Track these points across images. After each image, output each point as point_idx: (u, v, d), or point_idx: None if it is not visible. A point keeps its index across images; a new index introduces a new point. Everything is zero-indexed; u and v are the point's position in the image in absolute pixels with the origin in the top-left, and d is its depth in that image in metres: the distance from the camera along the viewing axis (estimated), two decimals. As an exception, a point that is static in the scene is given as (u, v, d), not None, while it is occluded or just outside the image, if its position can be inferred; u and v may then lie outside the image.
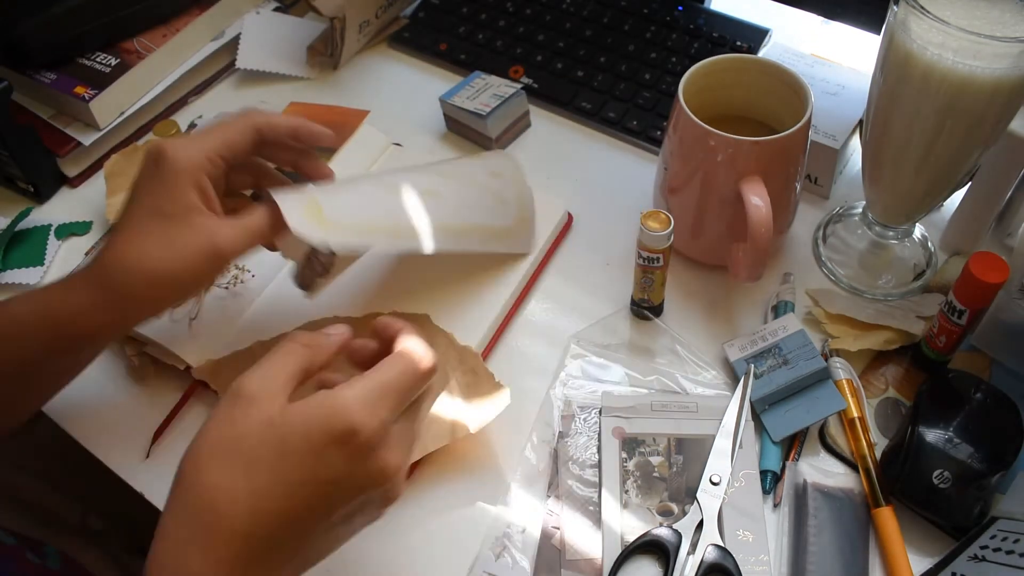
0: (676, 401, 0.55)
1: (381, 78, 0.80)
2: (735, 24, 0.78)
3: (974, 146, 0.51)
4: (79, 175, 0.72)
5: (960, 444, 0.49)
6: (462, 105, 0.70)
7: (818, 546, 0.49)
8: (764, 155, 0.54)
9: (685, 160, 0.57)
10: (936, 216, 0.64)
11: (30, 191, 0.71)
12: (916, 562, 0.48)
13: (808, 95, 0.55)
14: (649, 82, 0.74)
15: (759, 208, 0.53)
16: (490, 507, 0.52)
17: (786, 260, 0.63)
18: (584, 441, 0.54)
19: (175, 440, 0.55)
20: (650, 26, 0.78)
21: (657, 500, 0.51)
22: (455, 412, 0.52)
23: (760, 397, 0.54)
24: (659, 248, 0.54)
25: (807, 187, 0.67)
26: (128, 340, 0.59)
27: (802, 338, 0.55)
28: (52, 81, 0.70)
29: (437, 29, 0.82)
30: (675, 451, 0.52)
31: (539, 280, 0.63)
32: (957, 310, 0.51)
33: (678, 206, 0.60)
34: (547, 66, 0.77)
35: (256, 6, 0.82)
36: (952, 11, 0.46)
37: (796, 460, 0.53)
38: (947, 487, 0.48)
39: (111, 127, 0.71)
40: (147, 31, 0.74)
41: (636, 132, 0.72)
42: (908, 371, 0.56)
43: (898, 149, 0.53)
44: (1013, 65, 0.46)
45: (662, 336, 0.59)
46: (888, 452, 0.52)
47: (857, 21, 0.70)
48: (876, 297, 0.60)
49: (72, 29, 0.71)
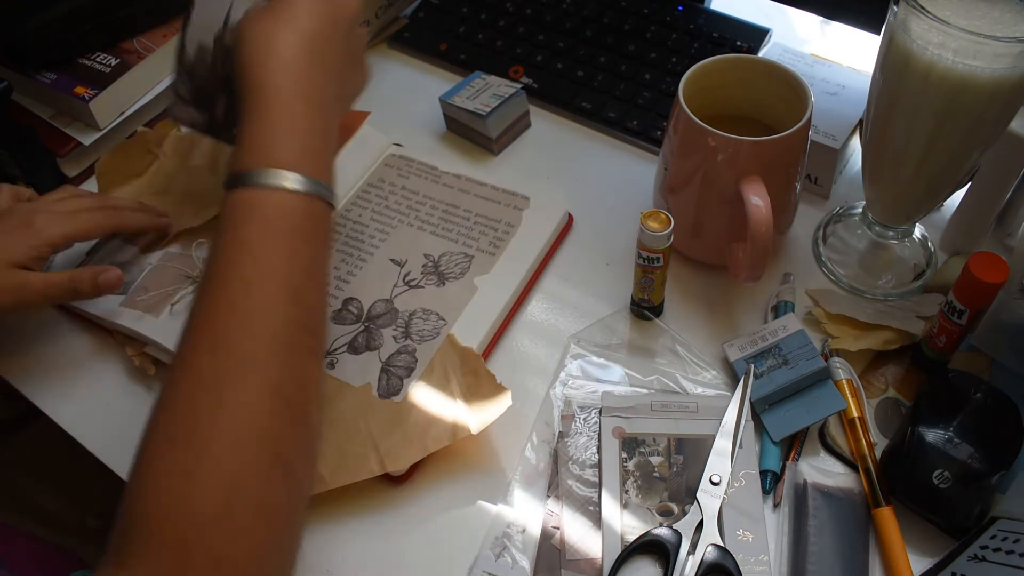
0: (676, 401, 0.55)
1: (381, 78, 0.79)
2: (735, 24, 0.78)
3: (974, 146, 0.51)
4: (79, 175, 0.72)
5: (960, 444, 0.49)
6: (462, 105, 0.70)
7: (818, 546, 0.49)
8: (764, 155, 0.54)
9: (685, 160, 0.57)
10: (936, 216, 0.64)
11: (30, 191, 0.71)
12: (916, 562, 0.48)
13: (808, 95, 0.55)
14: (649, 82, 0.74)
15: (759, 208, 0.52)
16: (490, 507, 0.52)
17: (786, 260, 0.63)
18: (584, 441, 0.54)
19: (175, 440, 0.55)
20: (650, 26, 0.78)
21: (657, 500, 0.51)
22: (456, 413, 0.52)
23: (760, 397, 0.54)
24: (659, 248, 0.54)
25: (807, 187, 0.67)
26: (128, 340, 0.59)
27: (802, 338, 0.55)
28: (52, 81, 0.70)
29: (437, 29, 0.82)
30: (675, 451, 0.52)
31: (539, 280, 0.63)
32: (957, 310, 0.51)
33: (678, 206, 0.60)
34: (547, 66, 0.77)
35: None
36: (952, 11, 0.46)
37: (796, 460, 0.52)
38: (947, 487, 0.48)
39: (111, 127, 0.71)
40: (147, 31, 0.74)
41: (636, 132, 0.72)
42: (908, 371, 0.56)
43: (898, 149, 0.53)
44: (1013, 65, 0.45)
45: (662, 336, 0.59)
46: (888, 452, 0.52)
47: (857, 21, 0.70)
48: (876, 297, 0.60)
49: (72, 29, 0.71)
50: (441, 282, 0.60)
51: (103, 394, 0.58)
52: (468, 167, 0.69)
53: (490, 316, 0.58)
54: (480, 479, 0.53)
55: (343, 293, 0.60)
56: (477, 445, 0.54)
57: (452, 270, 0.61)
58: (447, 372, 0.55)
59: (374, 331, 0.58)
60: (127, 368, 0.59)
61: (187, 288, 0.60)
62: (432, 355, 0.56)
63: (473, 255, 0.62)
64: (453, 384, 0.54)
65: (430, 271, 0.61)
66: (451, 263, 0.61)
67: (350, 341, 0.58)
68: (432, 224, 0.64)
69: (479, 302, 0.59)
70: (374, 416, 0.53)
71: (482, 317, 0.58)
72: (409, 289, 0.60)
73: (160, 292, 0.60)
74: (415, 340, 0.57)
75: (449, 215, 0.65)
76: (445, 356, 0.56)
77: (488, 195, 0.65)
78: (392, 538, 0.51)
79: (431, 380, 0.55)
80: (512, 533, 0.51)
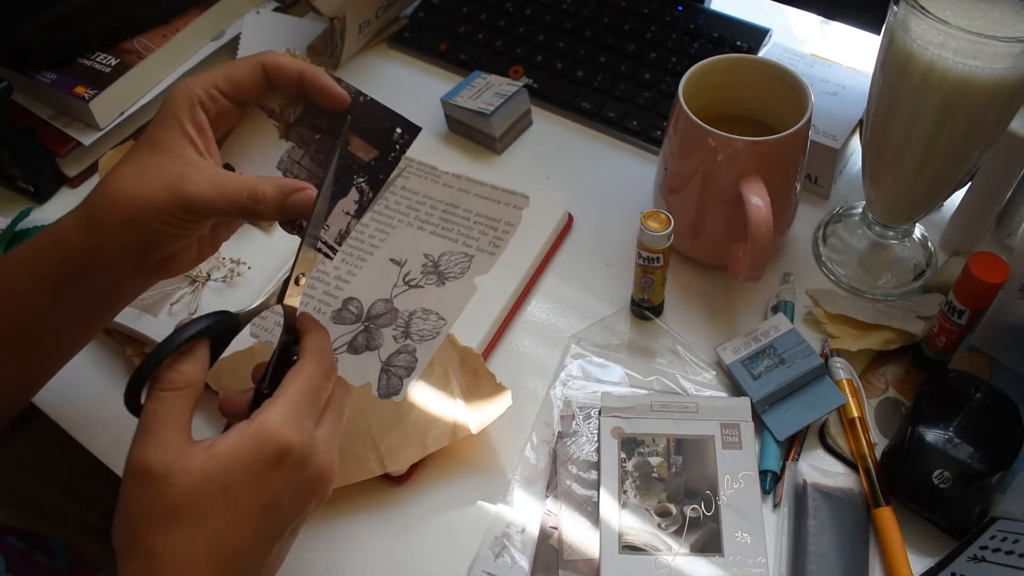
0: (676, 401, 0.55)
1: (381, 78, 0.79)
2: (735, 24, 0.78)
3: (974, 146, 0.51)
4: (79, 175, 0.72)
5: (960, 444, 0.49)
6: (465, 105, 0.70)
7: (818, 546, 0.49)
8: (764, 155, 0.54)
9: (685, 160, 0.57)
10: (936, 216, 0.64)
11: (30, 191, 0.71)
12: (916, 562, 0.48)
13: (808, 95, 0.55)
14: (649, 82, 0.74)
15: (759, 208, 0.52)
16: (490, 507, 0.52)
17: (786, 260, 0.63)
18: (583, 441, 0.54)
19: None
20: (650, 26, 0.78)
21: (655, 501, 0.51)
22: (456, 413, 0.52)
23: (761, 397, 0.54)
24: (659, 248, 0.54)
25: (807, 187, 0.67)
26: (128, 340, 0.59)
27: (795, 337, 0.56)
28: (52, 81, 0.70)
29: (437, 29, 0.82)
30: (674, 451, 0.52)
31: (539, 280, 0.63)
32: (957, 310, 0.51)
33: (678, 206, 0.60)
34: (547, 66, 0.77)
35: (256, 6, 0.82)
36: (952, 11, 0.46)
37: (796, 460, 0.52)
38: (947, 487, 0.48)
39: (111, 127, 0.71)
40: (147, 31, 0.74)
41: (636, 132, 0.72)
42: (908, 371, 0.56)
43: (898, 149, 0.53)
44: (1013, 65, 0.45)
45: (662, 336, 0.59)
46: (888, 452, 0.51)
47: (857, 21, 0.70)
48: (876, 297, 0.60)
49: (72, 29, 0.71)
50: (441, 282, 0.60)
51: (103, 394, 0.58)
52: (468, 167, 0.69)
53: (490, 316, 0.58)
54: (480, 479, 0.53)
55: (343, 293, 0.60)
56: (477, 445, 0.54)
57: (452, 270, 0.61)
58: (447, 372, 0.55)
59: (374, 331, 0.58)
60: (127, 368, 0.59)
61: (186, 288, 0.60)
62: (432, 355, 0.56)
63: (473, 255, 0.62)
64: (453, 384, 0.54)
65: (430, 271, 0.61)
66: (451, 263, 0.61)
67: (350, 341, 0.58)
68: (432, 224, 0.64)
69: (479, 302, 0.59)
70: (374, 416, 0.53)
71: (482, 317, 0.58)
72: (409, 289, 0.60)
73: (159, 292, 0.60)
74: (415, 340, 0.57)
75: (449, 215, 0.65)
76: (445, 356, 0.56)
77: (488, 195, 0.65)
78: (392, 538, 0.51)
79: (431, 380, 0.55)
80: (512, 533, 0.51)
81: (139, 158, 0.43)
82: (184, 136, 0.43)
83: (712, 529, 0.49)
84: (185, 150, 0.43)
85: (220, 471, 0.37)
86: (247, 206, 0.42)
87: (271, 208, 0.43)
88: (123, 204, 0.41)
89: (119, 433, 0.56)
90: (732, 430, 0.53)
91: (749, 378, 0.55)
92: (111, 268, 0.44)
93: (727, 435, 0.53)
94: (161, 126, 0.43)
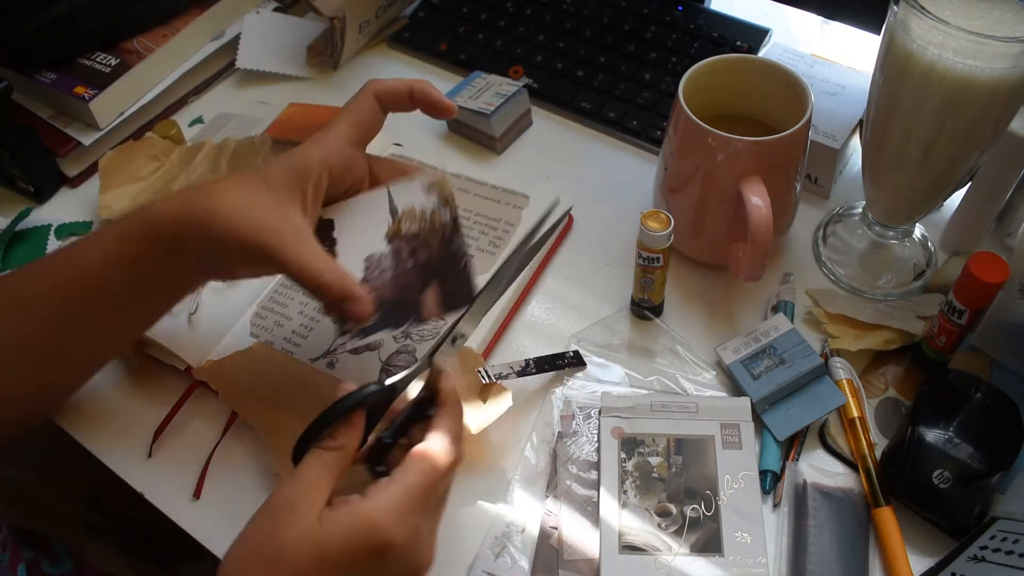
0: (676, 401, 0.55)
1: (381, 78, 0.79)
2: (735, 24, 0.78)
3: (974, 146, 0.51)
4: (79, 175, 0.72)
5: (960, 444, 0.49)
6: (465, 104, 0.70)
7: (818, 546, 0.49)
8: (764, 155, 0.54)
9: (685, 160, 0.57)
10: (936, 216, 0.64)
11: (30, 191, 0.71)
12: (916, 562, 0.48)
13: (808, 95, 0.55)
14: (649, 82, 0.74)
15: (759, 208, 0.53)
16: (490, 506, 0.52)
17: (786, 260, 0.63)
18: (583, 441, 0.54)
19: (175, 440, 0.55)
20: (650, 26, 0.78)
21: (655, 501, 0.51)
22: (455, 412, 0.52)
23: (761, 397, 0.54)
24: (659, 248, 0.54)
25: (807, 187, 0.67)
26: (128, 340, 0.59)
27: (795, 336, 0.56)
28: (52, 81, 0.70)
29: (437, 29, 0.82)
30: (674, 451, 0.52)
31: (539, 280, 0.63)
32: (957, 310, 0.51)
33: (678, 206, 0.60)
34: (547, 66, 0.77)
35: (256, 6, 0.82)
36: (952, 11, 0.46)
37: (796, 460, 0.52)
38: (947, 487, 0.48)
39: (111, 127, 0.71)
40: (147, 31, 0.75)
41: (636, 132, 0.72)
42: (908, 371, 0.56)
43: (898, 149, 0.53)
44: (1013, 65, 0.45)
45: (662, 336, 0.59)
46: (888, 452, 0.52)
47: (857, 21, 0.70)
48: (876, 297, 0.60)
49: (72, 29, 0.71)
50: (441, 282, 0.60)
51: (103, 394, 0.58)
52: (468, 167, 0.69)
53: (490, 316, 0.58)
54: (480, 479, 0.53)
55: (343, 293, 0.60)
56: (477, 445, 0.54)
57: (452, 270, 0.61)
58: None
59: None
60: (127, 368, 0.59)
61: (187, 288, 0.60)
62: (432, 355, 0.56)
63: (473, 255, 0.61)
64: (453, 384, 0.54)
65: (430, 271, 0.61)
66: (451, 263, 0.61)
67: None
68: (432, 224, 0.64)
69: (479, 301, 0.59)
70: (374, 416, 0.53)
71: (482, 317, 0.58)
72: (409, 289, 0.60)
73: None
74: (415, 340, 0.57)
75: (449, 215, 0.65)
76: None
77: (488, 194, 0.65)
78: (392, 538, 0.51)
79: (431, 380, 0.55)
80: (512, 533, 0.51)
81: (251, 188, 0.44)
82: (300, 198, 0.45)
83: (712, 529, 0.49)
84: (293, 209, 0.45)
85: (322, 539, 0.38)
86: (311, 288, 0.44)
87: (329, 301, 0.45)
88: (218, 225, 0.43)
89: (120, 434, 0.57)
90: (732, 430, 0.53)
91: (749, 378, 0.55)
92: (189, 259, 0.45)
93: (727, 435, 0.53)
94: (284, 174, 0.45)
